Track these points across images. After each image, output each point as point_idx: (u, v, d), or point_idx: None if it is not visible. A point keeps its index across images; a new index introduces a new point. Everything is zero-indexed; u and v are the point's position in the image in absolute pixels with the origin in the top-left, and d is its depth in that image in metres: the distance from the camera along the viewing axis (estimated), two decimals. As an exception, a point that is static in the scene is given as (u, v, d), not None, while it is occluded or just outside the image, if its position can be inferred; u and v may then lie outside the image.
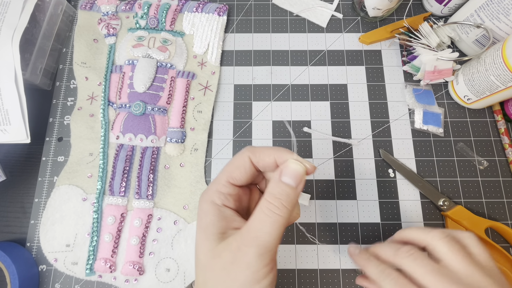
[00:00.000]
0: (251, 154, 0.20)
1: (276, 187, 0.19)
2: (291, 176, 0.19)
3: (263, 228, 0.18)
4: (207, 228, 0.19)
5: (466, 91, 0.37)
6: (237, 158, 0.20)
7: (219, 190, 0.20)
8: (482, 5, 0.36)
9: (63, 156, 0.38)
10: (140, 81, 0.38)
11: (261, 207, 0.18)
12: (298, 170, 0.19)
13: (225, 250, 0.18)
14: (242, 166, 0.20)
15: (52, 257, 0.34)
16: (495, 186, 0.37)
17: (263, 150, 0.20)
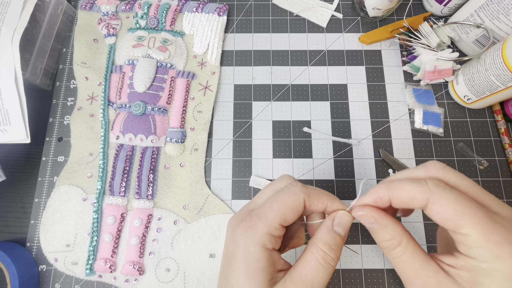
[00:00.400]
0: (306, 198, 0.19)
1: (330, 237, 0.19)
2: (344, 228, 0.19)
3: (319, 278, 0.18)
4: (255, 275, 0.18)
5: (466, 91, 0.37)
6: (291, 198, 0.19)
7: (271, 233, 0.18)
8: (482, 5, 0.36)
9: (63, 156, 0.38)
10: (140, 81, 0.38)
11: (316, 256, 0.18)
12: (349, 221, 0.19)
13: None
14: (296, 209, 0.19)
15: (52, 257, 0.34)
16: (495, 186, 0.37)
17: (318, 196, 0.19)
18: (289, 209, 0.18)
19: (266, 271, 0.18)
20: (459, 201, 0.16)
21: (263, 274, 0.18)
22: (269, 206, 0.19)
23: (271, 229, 0.18)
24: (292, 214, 0.19)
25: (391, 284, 0.34)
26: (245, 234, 0.18)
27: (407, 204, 0.18)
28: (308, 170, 0.38)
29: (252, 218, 0.19)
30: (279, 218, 0.18)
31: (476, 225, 0.15)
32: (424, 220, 0.36)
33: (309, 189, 0.19)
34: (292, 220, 0.19)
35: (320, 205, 0.19)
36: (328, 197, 0.20)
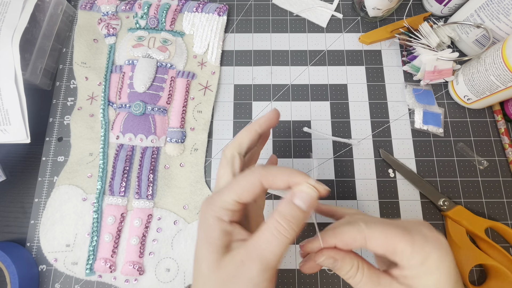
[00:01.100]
0: (263, 179, 0.20)
1: (288, 209, 0.19)
2: (304, 200, 0.19)
3: (269, 248, 0.18)
4: (212, 242, 0.19)
5: (466, 91, 0.37)
6: (247, 180, 0.20)
7: (226, 207, 0.20)
8: (482, 5, 0.36)
9: (63, 156, 0.38)
10: (140, 81, 0.38)
11: (270, 226, 0.19)
12: (312, 194, 0.19)
13: (229, 263, 0.19)
14: (251, 189, 0.20)
15: (52, 257, 0.34)
16: (495, 186, 0.37)
17: (276, 175, 0.20)
18: (244, 189, 0.20)
19: (222, 239, 0.19)
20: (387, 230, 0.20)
21: (217, 241, 0.19)
22: (227, 185, 0.21)
23: (226, 204, 0.20)
24: (247, 193, 0.20)
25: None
26: (205, 209, 0.20)
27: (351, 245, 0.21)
28: (308, 170, 0.38)
29: (213, 195, 0.21)
30: (233, 195, 0.20)
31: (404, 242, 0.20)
32: (424, 220, 0.36)
33: (267, 170, 0.20)
34: (249, 197, 0.20)
35: (280, 183, 0.20)
36: (289, 174, 0.20)
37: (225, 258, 0.19)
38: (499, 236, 0.35)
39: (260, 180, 0.20)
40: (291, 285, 0.34)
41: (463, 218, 0.34)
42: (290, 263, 0.35)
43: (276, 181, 0.20)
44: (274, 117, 0.24)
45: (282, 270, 0.34)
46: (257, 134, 0.23)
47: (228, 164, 0.22)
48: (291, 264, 0.35)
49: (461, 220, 0.34)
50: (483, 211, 0.36)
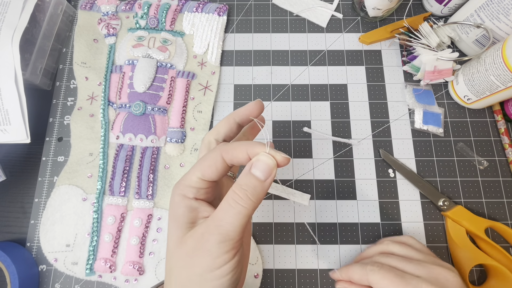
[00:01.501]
0: (224, 153, 0.20)
1: (244, 178, 0.19)
2: (261, 169, 0.19)
3: (225, 218, 0.18)
4: (178, 219, 0.20)
5: (466, 91, 0.37)
6: (210, 156, 0.20)
7: (190, 185, 0.20)
8: (482, 5, 0.36)
9: (63, 156, 0.38)
10: (140, 81, 0.38)
11: (227, 197, 0.19)
12: (268, 163, 0.19)
13: (191, 238, 0.19)
14: (214, 165, 0.20)
15: (52, 257, 0.34)
16: (495, 186, 0.37)
17: (236, 147, 0.20)
18: (207, 165, 0.20)
19: (187, 215, 0.20)
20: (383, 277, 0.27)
21: (182, 217, 0.20)
22: (193, 167, 0.21)
23: (190, 182, 0.20)
24: (210, 170, 0.20)
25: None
26: (174, 188, 0.21)
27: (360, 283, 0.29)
28: (308, 170, 0.38)
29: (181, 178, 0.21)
30: (197, 172, 0.20)
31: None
32: (424, 220, 0.36)
33: (227, 144, 0.20)
34: (213, 174, 0.20)
35: (240, 155, 0.19)
36: (247, 145, 0.19)
37: (188, 233, 0.19)
38: (499, 236, 0.35)
39: (221, 155, 0.20)
40: (291, 285, 0.34)
41: (463, 218, 0.34)
42: (290, 263, 0.35)
43: (236, 154, 0.19)
44: (254, 108, 0.23)
45: (282, 270, 0.34)
46: (235, 123, 0.23)
47: (205, 149, 0.23)
48: (291, 264, 0.35)
49: (461, 220, 0.34)
50: (483, 211, 0.36)
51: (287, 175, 0.38)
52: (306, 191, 0.37)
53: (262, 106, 0.24)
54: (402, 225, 0.36)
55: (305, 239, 0.35)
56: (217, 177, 0.20)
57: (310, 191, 0.37)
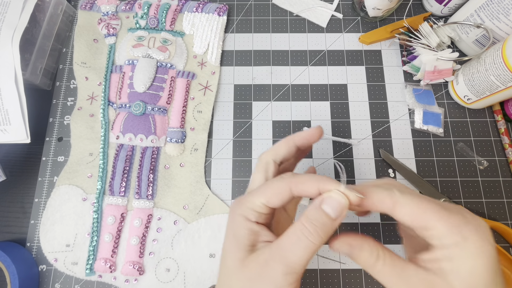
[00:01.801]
0: (293, 186, 0.20)
1: (315, 213, 0.18)
2: (332, 207, 0.18)
3: (293, 250, 0.18)
4: (239, 240, 0.20)
5: (466, 91, 0.37)
6: (277, 185, 0.20)
7: (253, 209, 0.20)
8: (482, 5, 0.36)
9: (63, 156, 0.38)
10: (140, 81, 0.38)
11: (296, 228, 0.18)
12: (341, 202, 0.18)
13: (253, 262, 0.19)
14: (280, 194, 0.20)
15: (52, 257, 0.34)
16: (495, 186, 0.37)
17: (307, 182, 0.19)
18: (272, 193, 0.20)
19: (248, 237, 0.20)
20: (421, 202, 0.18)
21: (243, 239, 0.20)
22: (257, 189, 0.21)
23: (254, 205, 0.20)
24: (275, 198, 0.20)
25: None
26: (234, 207, 0.21)
27: (376, 206, 0.19)
28: (308, 170, 0.38)
29: (242, 197, 0.21)
30: (262, 198, 0.20)
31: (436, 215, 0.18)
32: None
33: (297, 176, 0.20)
34: (277, 202, 0.20)
35: (310, 189, 0.19)
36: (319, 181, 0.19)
37: (250, 256, 0.19)
38: (499, 236, 0.35)
39: (289, 186, 0.20)
40: (291, 285, 0.34)
41: (463, 218, 0.34)
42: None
43: (305, 188, 0.19)
44: (315, 134, 0.24)
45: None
46: (294, 146, 0.24)
47: (263, 169, 0.23)
48: (291, 264, 0.35)
49: (461, 220, 0.34)
50: (483, 211, 0.36)
51: (287, 175, 0.38)
52: (306, 191, 0.37)
53: (322, 132, 0.24)
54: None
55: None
56: (281, 205, 0.21)
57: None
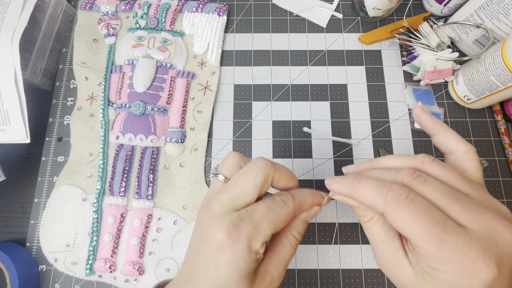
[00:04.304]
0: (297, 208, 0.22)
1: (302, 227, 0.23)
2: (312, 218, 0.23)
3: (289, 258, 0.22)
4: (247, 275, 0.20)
5: (466, 91, 0.37)
6: (285, 211, 0.21)
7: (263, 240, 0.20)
8: (482, 5, 0.36)
9: (63, 156, 0.38)
10: (140, 81, 0.38)
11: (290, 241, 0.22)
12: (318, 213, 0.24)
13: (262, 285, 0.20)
14: (287, 221, 0.21)
15: (52, 257, 0.34)
16: (495, 186, 0.37)
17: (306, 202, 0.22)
18: (283, 221, 0.21)
19: (252, 268, 0.20)
20: (411, 219, 0.17)
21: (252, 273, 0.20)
22: (265, 216, 0.20)
23: (264, 237, 0.20)
24: (283, 225, 0.21)
25: (391, 284, 0.34)
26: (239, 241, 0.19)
27: (369, 207, 0.20)
28: (308, 170, 0.38)
29: (247, 226, 0.19)
30: (273, 229, 0.20)
31: (423, 242, 0.17)
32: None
33: (301, 200, 0.22)
34: (282, 226, 0.21)
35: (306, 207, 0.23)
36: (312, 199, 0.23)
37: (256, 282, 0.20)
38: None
39: (295, 211, 0.22)
40: (291, 285, 0.34)
41: (463, 218, 0.34)
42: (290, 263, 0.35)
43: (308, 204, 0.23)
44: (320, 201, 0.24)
45: (282, 270, 0.34)
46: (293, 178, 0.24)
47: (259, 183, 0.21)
48: (291, 264, 0.35)
49: (461, 220, 0.34)
50: (483, 211, 0.36)
51: (287, 175, 0.38)
52: (306, 191, 0.37)
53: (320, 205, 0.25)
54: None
55: (305, 239, 0.35)
56: None
57: (310, 191, 0.37)
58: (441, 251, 0.16)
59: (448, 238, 0.16)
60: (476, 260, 0.15)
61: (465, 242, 0.16)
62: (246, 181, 0.21)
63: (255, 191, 0.20)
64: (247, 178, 0.21)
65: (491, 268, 0.15)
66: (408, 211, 0.17)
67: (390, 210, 0.18)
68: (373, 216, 0.20)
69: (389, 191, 0.18)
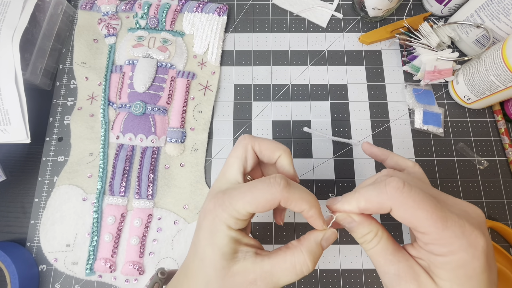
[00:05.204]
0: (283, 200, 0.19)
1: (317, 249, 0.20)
2: (328, 243, 0.21)
3: (284, 279, 0.20)
4: (220, 247, 0.19)
5: (466, 91, 0.37)
6: (266, 196, 0.19)
7: (238, 218, 0.20)
8: (482, 5, 0.36)
9: (63, 156, 0.38)
10: (140, 81, 0.38)
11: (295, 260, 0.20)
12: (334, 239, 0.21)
13: (240, 276, 0.19)
14: (268, 206, 0.19)
15: (52, 257, 0.34)
16: (495, 186, 0.37)
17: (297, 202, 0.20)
18: (261, 206, 0.19)
19: (230, 246, 0.20)
20: (416, 205, 0.17)
21: (226, 248, 0.19)
22: (242, 194, 0.20)
23: (238, 214, 0.19)
24: (263, 210, 0.20)
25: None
26: (214, 209, 0.20)
27: (377, 211, 0.19)
28: (308, 170, 0.38)
29: (224, 197, 0.20)
30: (249, 208, 0.19)
31: (431, 225, 0.17)
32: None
33: (290, 193, 0.20)
34: (263, 211, 0.20)
35: (297, 209, 0.20)
36: (308, 204, 0.20)
37: (234, 267, 0.19)
38: (499, 236, 0.35)
39: (280, 199, 0.19)
40: (291, 285, 0.34)
41: (463, 218, 0.34)
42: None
43: (294, 206, 0.20)
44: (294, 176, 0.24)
45: (282, 270, 0.34)
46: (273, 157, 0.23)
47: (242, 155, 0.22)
48: (291, 264, 0.35)
49: (461, 220, 0.34)
50: (483, 211, 0.36)
51: (287, 175, 0.38)
52: (306, 191, 0.37)
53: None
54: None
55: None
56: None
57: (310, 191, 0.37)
58: (447, 230, 0.17)
59: (448, 216, 0.17)
60: (472, 231, 0.17)
61: (459, 217, 0.17)
62: (230, 156, 0.22)
63: (238, 162, 0.22)
64: (231, 153, 0.22)
65: (482, 235, 0.17)
66: (411, 198, 0.18)
67: (396, 200, 0.18)
68: (377, 230, 0.20)
69: (387, 185, 0.18)
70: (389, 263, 0.19)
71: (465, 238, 0.17)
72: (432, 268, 0.18)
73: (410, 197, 0.18)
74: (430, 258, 0.18)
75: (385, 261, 0.19)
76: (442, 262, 0.17)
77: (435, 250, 0.18)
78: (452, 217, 0.17)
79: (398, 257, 0.19)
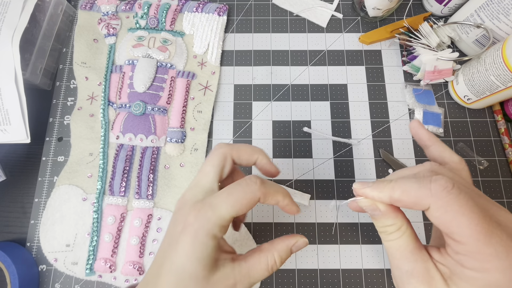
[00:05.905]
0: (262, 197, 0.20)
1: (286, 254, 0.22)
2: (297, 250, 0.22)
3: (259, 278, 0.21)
4: (203, 260, 0.19)
5: (466, 91, 0.37)
6: (247, 196, 0.20)
7: (222, 224, 0.19)
8: (482, 5, 0.36)
9: (63, 156, 0.38)
10: (140, 81, 0.38)
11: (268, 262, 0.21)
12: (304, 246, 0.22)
13: (221, 283, 0.19)
14: (249, 205, 0.20)
15: (52, 257, 0.34)
16: (495, 186, 0.37)
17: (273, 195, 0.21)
18: (244, 206, 0.20)
19: (213, 256, 0.19)
20: (462, 210, 0.16)
21: (208, 258, 0.19)
22: (225, 199, 0.20)
23: (223, 221, 0.19)
24: (245, 210, 0.20)
25: (391, 284, 0.34)
26: (196, 222, 0.19)
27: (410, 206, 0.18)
28: (308, 170, 0.38)
29: (205, 208, 0.20)
30: (233, 212, 0.19)
31: (471, 236, 0.15)
32: (424, 220, 0.36)
33: (267, 188, 0.21)
34: (245, 212, 0.20)
35: (274, 201, 0.22)
36: (282, 195, 0.22)
37: (214, 276, 0.19)
38: (499, 236, 0.35)
39: (259, 197, 0.20)
40: (291, 285, 0.34)
41: (463, 218, 0.34)
42: (290, 263, 0.35)
43: (271, 200, 0.21)
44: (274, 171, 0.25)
45: (282, 270, 0.34)
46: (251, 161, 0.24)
47: (219, 163, 0.22)
48: (291, 264, 0.35)
49: (461, 220, 0.34)
50: (483, 211, 0.36)
51: (287, 175, 0.38)
52: (306, 191, 0.37)
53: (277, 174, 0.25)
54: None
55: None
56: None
57: (310, 191, 0.37)
58: (489, 246, 0.15)
59: (495, 233, 0.15)
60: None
61: (509, 237, 0.15)
62: (205, 164, 0.22)
63: (215, 171, 0.22)
64: (207, 162, 0.22)
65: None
66: (458, 201, 0.16)
67: (440, 200, 0.16)
68: (401, 225, 0.19)
69: (433, 182, 0.17)
70: (405, 259, 0.18)
71: (508, 261, 0.15)
72: (454, 278, 0.17)
73: (458, 201, 0.16)
74: (456, 268, 0.17)
75: (401, 256, 0.18)
76: (470, 276, 0.16)
77: (466, 263, 0.16)
78: (500, 235, 0.15)
79: (416, 256, 0.18)
